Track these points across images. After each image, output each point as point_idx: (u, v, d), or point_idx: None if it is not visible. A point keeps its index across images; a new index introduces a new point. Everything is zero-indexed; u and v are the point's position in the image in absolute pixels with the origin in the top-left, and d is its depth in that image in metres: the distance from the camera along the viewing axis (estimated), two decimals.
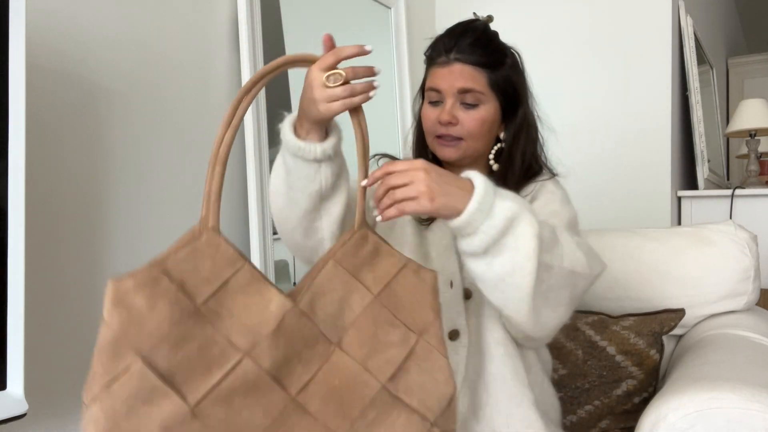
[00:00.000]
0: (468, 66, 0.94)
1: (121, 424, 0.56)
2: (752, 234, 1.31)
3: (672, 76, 2.06)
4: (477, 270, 0.79)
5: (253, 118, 1.49)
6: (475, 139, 0.96)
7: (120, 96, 1.26)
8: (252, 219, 1.49)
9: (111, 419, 0.56)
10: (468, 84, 0.93)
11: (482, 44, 0.95)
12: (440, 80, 0.95)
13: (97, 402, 0.57)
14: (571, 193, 1.04)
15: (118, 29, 1.25)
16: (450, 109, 0.94)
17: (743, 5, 4.33)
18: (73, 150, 1.17)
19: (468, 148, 0.96)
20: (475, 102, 0.94)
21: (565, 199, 1.00)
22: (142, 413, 0.57)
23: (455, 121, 0.94)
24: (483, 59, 0.94)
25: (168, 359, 0.59)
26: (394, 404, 0.66)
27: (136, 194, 1.29)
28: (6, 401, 0.85)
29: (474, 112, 0.95)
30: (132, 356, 0.59)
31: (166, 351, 0.59)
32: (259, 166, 1.49)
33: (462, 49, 0.93)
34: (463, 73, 0.93)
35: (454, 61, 0.94)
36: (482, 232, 0.74)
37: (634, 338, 1.21)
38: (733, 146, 3.73)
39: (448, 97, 0.95)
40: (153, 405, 0.57)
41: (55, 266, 1.13)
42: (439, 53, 0.96)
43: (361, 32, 2.01)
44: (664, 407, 0.78)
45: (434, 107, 0.97)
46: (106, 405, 0.56)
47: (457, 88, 0.94)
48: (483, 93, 0.94)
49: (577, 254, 0.82)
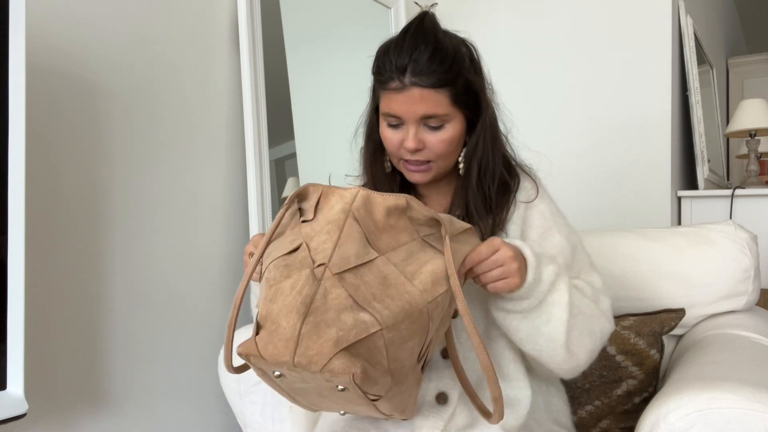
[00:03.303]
0: (427, 90, 0.83)
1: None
2: (752, 234, 1.31)
3: (672, 76, 2.06)
4: (512, 324, 0.84)
5: (254, 118, 1.49)
6: (443, 159, 0.90)
7: (120, 96, 1.26)
8: (252, 219, 1.49)
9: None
10: (430, 110, 0.84)
11: (439, 58, 0.83)
12: (398, 107, 0.85)
13: None
14: (571, 194, 1.04)
15: (118, 29, 1.25)
16: (414, 136, 0.86)
17: (743, 5, 4.33)
18: (73, 150, 1.17)
19: (438, 168, 0.91)
20: (440, 124, 0.86)
21: (556, 214, 0.97)
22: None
23: (422, 146, 0.87)
24: (442, 77, 0.83)
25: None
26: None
27: (136, 194, 1.29)
28: (6, 401, 0.85)
29: (441, 134, 0.87)
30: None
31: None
32: (259, 166, 1.49)
33: (418, 70, 0.82)
34: (423, 99, 0.83)
35: (410, 85, 0.83)
36: (533, 296, 0.81)
37: (634, 338, 1.21)
38: (733, 146, 3.73)
39: (409, 123, 0.86)
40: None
41: (55, 266, 1.13)
42: (391, 76, 0.84)
43: (361, 32, 2.01)
44: (664, 407, 0.78)
45: (395, 129, 0.88)
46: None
47: (419, 116, 0.85)
48: (447, 114, 0.86)
49: (590, 306, 0.88)
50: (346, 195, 0.71)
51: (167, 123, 1.36)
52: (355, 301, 0.64)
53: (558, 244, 0.93)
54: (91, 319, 1.20)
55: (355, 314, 0.64)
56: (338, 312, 0.64)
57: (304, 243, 0.69)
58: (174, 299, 1.37)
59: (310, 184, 0.74)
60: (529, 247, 0.82)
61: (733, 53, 4.25)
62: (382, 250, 0.69)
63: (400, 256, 0.70)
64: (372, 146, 0.97)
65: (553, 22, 2.22)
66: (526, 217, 0.94)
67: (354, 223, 0.69)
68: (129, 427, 1.26)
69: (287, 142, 1.66)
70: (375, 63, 0.88)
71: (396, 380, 0.68)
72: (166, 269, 1.35)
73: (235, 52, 1.53)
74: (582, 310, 0.85)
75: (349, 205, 0.70)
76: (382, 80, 0.87)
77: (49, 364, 1.12)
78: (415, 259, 0.71)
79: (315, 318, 0.63)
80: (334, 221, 0.69)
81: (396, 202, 0.71)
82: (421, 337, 0.70)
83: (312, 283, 0.65)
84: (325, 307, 0.64)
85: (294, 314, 0.64)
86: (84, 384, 1.18)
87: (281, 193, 1.65)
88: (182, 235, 1.39)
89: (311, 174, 1.69)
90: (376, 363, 0.66)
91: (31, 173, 1.09)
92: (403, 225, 0.72)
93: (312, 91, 1.76)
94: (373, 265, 0.68)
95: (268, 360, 0.65)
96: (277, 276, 0.67)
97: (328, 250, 0.66)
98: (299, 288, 0.65)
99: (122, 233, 1.26)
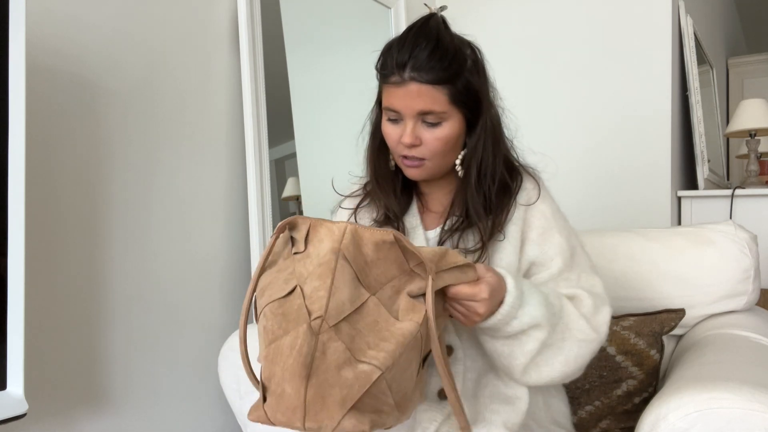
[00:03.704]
0: (425, 86, 0.85)
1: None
2: (752, 234, 1.31)
3: (672, 76, 2.06)
4: (485, 342, 0.87)
5: (254, 118, 1.49)
6: (439, 157, 0.90)
7: (120, 96, 1.26)
8: (252, 219, 1.49)
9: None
10: (427, 106, 0.86)
11: (438, 55, 0.84)
12: (396, 101, 0.87)
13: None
14: (571, 194, 1.04)
15: (117, 29, 1.25)
16: (411, 131, 0.87)
17: (743, 5, 4.33)
18: (73, 150, 1.17)
19: (432, 167, 0.92)
20: (437, 121, 0.87)
21: (557, 215, 0.97)
22: None
23: (418, 142, 0.88)
24: (441, 74, 0.85)
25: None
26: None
27: (136, 194, 1.29)
28: (6, 401, 0.85)
29: (437, 131, 0.88)
30: None
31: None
32: (259, 166, 1.49)
33: (417, 66, 0.84)
34: (420, 94, 0.85)
35: (409, 80, 0.85)
36: (504, 330, 0.83)
37: (634, 338, 1.21)
38: (733, 146, 3.73)
39: (407, 118, 0.88)
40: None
41: (55, 266, 1.13)
42: (392, 71, 0.86)
43: (361, 32, 2.01)
44: (664, 407, 0.78)
45: (394, 124, 0.90)
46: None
47: (416, 111, 0.86)
48: (444, 111, 0.87)
49: (580, 324, 0.87)
50: (334, 230, 0.73)
51: (167, 123, 1.36)
52: (352, 354, 0.67)
53: (558, 244, 0.93)
54: (91, 319, 1.20)
55: (354, 368, 0.66)
56: (338, 369, 0.66)
57: (299, 287, 0.71)
58: (174, 299, 1.37)
59: (299, 216, 0.77)
60: (513, 283, 0.82)
61: (733, 53, 4.25)
62: (372, 287, 0.71)
63: (387, 293, 0.72)
64: (376, 142, 0.98)
65: (553, 22, 2.22)
66: (526, 218, 0.94)
67: (345, 265, 0.70)
68: (129, 427, 1.26)
69: (287, 142, 1.66)
70: (379, 58, 0.91)
71: (402, 408, 0.72)
72: (165, 269, 1.35)
73: (235, 52, 1.53)
74: (558, 347, 0.86)
75: (339, 243, 0.71)
76: (384, 74, 0.89)
77: (49, 364, 1.12)
78: (403, 295, 0.73)
79: (317, 379, 0.66)
80: (325, 263, 0.70)
81: (383, 237, 0.72)
82: (419, 355, 0.72)
83: (310, 339, 0.66)
84: (325, 366, 0.66)
85: (297, 379, 0.66)
86: (84, 384, 1.18)
87: (281, 193, 1.65)
88: (182, 235, 1.39)
89: (311, 174, 1.69)
90: (383, 404, 0.69)
91: (30, 173, 1.09)
92: (394, 257, 0.73)
93: (312, 91, 1.76)
94: (365, 309, 0.70)
95: (280, 425, 0.68)
96: (274, 328, 0.69)
97: (323, 299, 0.68)
98: (298, 347, 0.66)
99: (122, 233, 1.26)
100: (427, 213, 1.00)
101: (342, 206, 1.05)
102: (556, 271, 0.92)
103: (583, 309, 0.89)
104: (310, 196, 1.68)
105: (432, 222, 0.98)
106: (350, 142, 1.03)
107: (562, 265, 0.92)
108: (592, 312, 0.90)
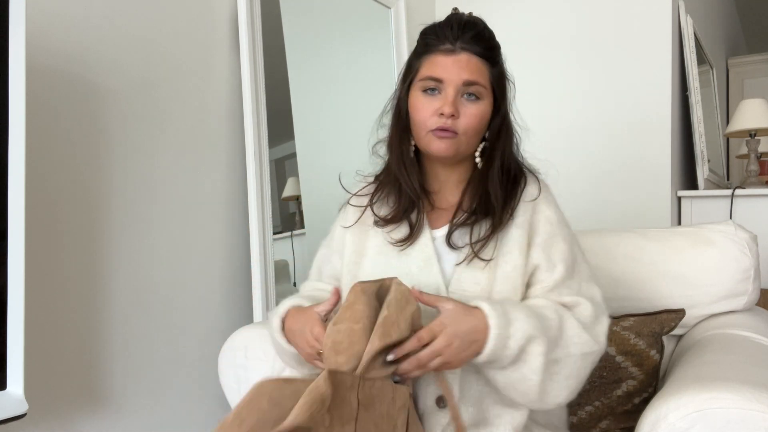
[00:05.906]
0: (475, 57, 0.90)
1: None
2: (752, 234, 1.31)
3: (672, 76, 2.06)
4: (488, 374, 0.87)
5: (254, 118, 1.49)
6: (470, 135, 0.92)
7: (120, 96, 1.26)
8: (252, 219, 1.49)
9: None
10: (474, 76, 0.90)
11: (487, 36, 0.93)
12: (443, 69, 0.90)
13: None
14: (571, 194, 1.04)
15: (117, 29, 1.25)
16: (453, 101, 0.89)
17: (743, 5, 4.33)
18: (73, 150, 1.17)
19: (462, 144, 0.92)
20: (478, 95, 0.91)
21: (562, 223, 0.98)
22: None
23: (457, 114, 0.90)
24: (488, 53, 0.92)
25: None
26: None
27: (136, 194, 1.29)
28: (6, 401, 0.85)
29: (475, 107, 0.91)
30: None
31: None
32: (259, 166, 1.49)
33: (470, 39, 0.90)
34: (470, 64, 0.90)
35: (461, 50, 0.90)
36: (501, 360, 0.83)
37: (634, 338, 1.21)
38: (733, 146, 3.73)
39: (450, 87, 0.90)
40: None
41: (55, 266, 1.13)
42: (443, 40, 0.91)
43: (361, 32, 2.01)
44: (664, 407, 0.78)
45: (430, 97, 0.91)
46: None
47: (463, 80, 0.89)
48: (485, 87, 0.91)
49: (582, 337, 0.87)
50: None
51: (167, 123, 1.36)
52: None
53: (562, 251, 0.94)
54: (91, 319, 1.20)
55: None
56: None
57: None
58: (174, 299, 1.37)
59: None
60: (495, 313, 0.82)
61: (733, 53, 4.25)
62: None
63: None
64: (400, 126, 0.99)
65: (553, 22, 2.22)
66: (533, 222, 0.95)
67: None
68: (129, 427, 1.26)
69: (287, 142, 1.66)
70: (425, 31, 0.95)
71: None
72: (165, 269, 1.35)
73: (235, 52, 1.53)
74: (565, 362, 0.86)
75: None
76: (432, 43, 0.93)
77: (49, 364, 1.12)
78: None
79: None
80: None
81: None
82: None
83: None
84: None
85: None
86: (84, 384, 1.18)
87: (281, 193, 1.65)
88: (182, 235, 1.39)
89: (311, 174, 1.69)
90: None
91: (31, 173, 1.09)
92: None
93: (312, 91, 1.76)
94: None
95: None
96: None
97: None
98: None
99: (122, 233, 1.26)
100: (434, 211, 1.00)
101: (351, 203, 1.05)
102: (558, 278, 0.92)
103: (584, 316, 0.90)
104: (310, 196, 1.68)
105: (438, 220, 0.98)
106: (350, 142, 1.03)
107: (564, 273, 0.92)
108: (592, 321, 0.90)
